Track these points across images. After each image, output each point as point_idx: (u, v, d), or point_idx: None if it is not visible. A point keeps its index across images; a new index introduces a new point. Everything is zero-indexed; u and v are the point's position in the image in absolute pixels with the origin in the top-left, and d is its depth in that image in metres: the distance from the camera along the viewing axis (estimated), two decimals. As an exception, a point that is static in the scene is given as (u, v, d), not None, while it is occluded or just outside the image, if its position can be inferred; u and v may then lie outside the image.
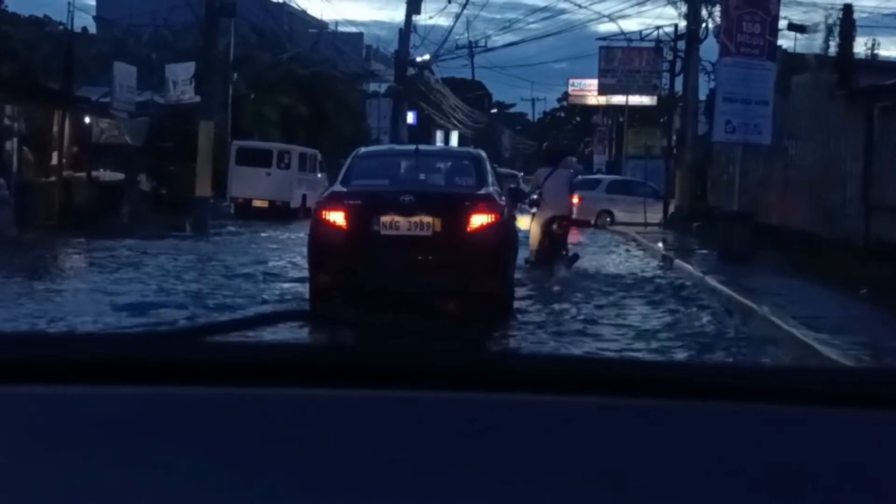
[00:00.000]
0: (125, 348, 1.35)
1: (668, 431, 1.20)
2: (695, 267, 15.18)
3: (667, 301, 12.30)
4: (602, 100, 68.27)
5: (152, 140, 27.23)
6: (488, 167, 11.65)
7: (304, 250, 11.18)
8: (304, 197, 31.67)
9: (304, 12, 52.02)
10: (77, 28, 36.83)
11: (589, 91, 69.40)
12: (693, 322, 10.61)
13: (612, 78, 35.24)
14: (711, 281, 13.23)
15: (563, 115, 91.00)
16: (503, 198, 11.25)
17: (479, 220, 10.46)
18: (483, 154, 12.11)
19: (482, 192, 10.89)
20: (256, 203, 30.44)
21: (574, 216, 16.30)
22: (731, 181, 24.46)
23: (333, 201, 10.78)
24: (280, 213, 29.71)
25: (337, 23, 56.70)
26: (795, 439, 1.20)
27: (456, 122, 65.75)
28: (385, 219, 10.41)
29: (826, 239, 16.95)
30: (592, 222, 28.93)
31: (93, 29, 40.36)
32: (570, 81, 70.37)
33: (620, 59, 34.45)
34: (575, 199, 14.97)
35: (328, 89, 41.41)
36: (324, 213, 10.67)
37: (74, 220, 21.70)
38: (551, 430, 1.19)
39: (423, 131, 65.51)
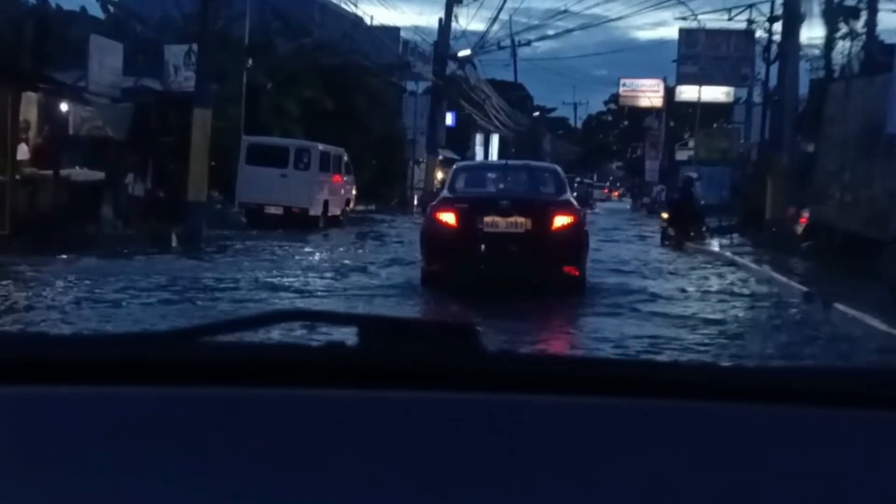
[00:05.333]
0: (125, 349, 1.35)
1: (668, 431, 1.20)
2: (887, 322, 10.15)
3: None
4: (656, 100, 63.77)
5: (142, 132, 22.68)
6: (565, 178, 14.53)
7: (334, 282, 13.60)
8: (325, 203, 27.02)
9: (337, 5, 47.20)
10: (75, 8, 32.44)
11: (642, 92, 64.82)
12: None
13: (693, 66, 29.96)
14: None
15: (609, 118, 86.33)
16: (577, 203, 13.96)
17: (561, 220, 12.93)
18: (559, 168, 15.19)
19: (563, 198, 13.56)
20: (269, 209, 25.77)
21: None
22: (850, 189, 19.74)
23: (445, 205, 13.25)
24: (297, 222, 25.07)
25: (372, 17, 52.16)
26: (796, 439, 1.20)
27: (498, 125, 61.27)
28: (487, 219, 12.83)
29: None
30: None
31: (94, 10, 35.90)
32: (622, 81, 65.84)
33: (704, 44, 29.14)
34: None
35: (358, 82, 36.69)
36: (438, 214, 13.17)
37: (34, 228, 17.27)
38: (552, 430, 1.19)
39: (461, 133, 61.26)
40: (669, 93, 61.37)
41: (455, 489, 1.10)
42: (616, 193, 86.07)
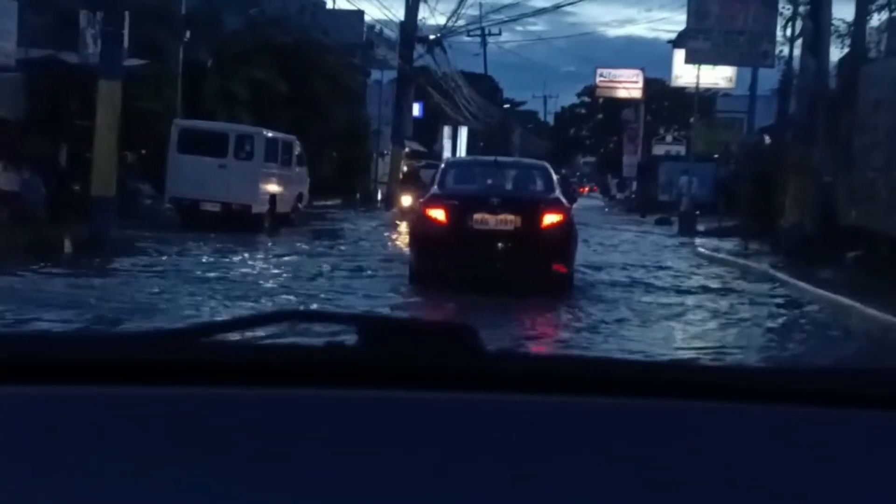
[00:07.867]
0: (125, 348, 1.33)
1: (668, 431, 1.20)
2: None
3: None
4: (635, 92, 60.26)
5: (49, 112, 18.74)
6: (553, 175, 14.54)
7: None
8: (272, 199, 23.06)
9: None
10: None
11: (619, 83, 61.25)
12: None
13: (704, 41, 25.92)
14: None
15: (583, 111, 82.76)
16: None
17: (550, 218, 13.18)
18: (548, 165, 15.15)
19: (552, 196, 13.66)
20: (206, 206, 21.78)
21: None
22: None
23: (435, 201, 13.33)
24: (237, 222, 21.15)
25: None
26: (795, 439, 1.20)
27: (468, 116, 57.77)
28: (477, 216, 13.01)
29: None
30: None
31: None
32: (599, 72, 62.33)
33: (717, 16, 25.22)
34: None
35: (316, 63, 32.74)
36: (427, 210, 13.33)
37: None
38: (552, 430, 1.19)
39: (429, 125, 57.59)
40: (648, 84, 58.77)
41: (455, 489, 1.09)
42: (585, 189, 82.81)
